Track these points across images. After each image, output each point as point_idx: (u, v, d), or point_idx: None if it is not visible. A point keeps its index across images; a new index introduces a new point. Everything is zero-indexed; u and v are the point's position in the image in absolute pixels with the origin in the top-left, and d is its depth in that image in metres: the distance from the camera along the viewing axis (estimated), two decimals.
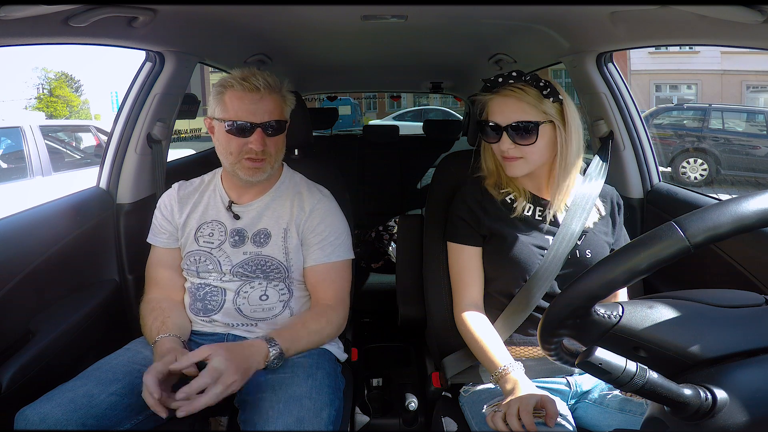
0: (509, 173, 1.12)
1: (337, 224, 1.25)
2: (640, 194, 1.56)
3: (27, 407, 0.93)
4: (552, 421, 0.87)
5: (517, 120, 1.06)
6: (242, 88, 1.12)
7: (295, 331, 1.11)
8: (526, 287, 1.09)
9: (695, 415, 0.54)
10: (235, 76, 1.13)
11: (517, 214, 1.13)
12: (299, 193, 1.25)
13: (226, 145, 1.15)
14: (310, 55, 2.19)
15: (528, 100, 1.05)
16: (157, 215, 1.26)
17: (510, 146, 1.07)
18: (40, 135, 4.62)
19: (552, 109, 1.07)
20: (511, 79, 1.08)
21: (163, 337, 1.08)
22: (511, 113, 1.07)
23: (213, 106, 1.16)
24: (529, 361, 1.09)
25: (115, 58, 57.06)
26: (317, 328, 1.15)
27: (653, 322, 0.61)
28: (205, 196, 1.26)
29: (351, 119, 11.42)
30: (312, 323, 1.15)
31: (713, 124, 7.88)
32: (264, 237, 1.20)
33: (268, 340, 1.04)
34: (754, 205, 0.55)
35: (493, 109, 1.10)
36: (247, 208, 1.22)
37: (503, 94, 1.08)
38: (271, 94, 1.15)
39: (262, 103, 1.13)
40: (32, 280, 1.20)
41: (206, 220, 1.22)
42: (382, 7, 1.37)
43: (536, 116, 1.06)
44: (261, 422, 0.95)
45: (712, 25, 0.99)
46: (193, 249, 1.20)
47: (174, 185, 1.29)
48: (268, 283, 1.18)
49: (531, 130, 1.06)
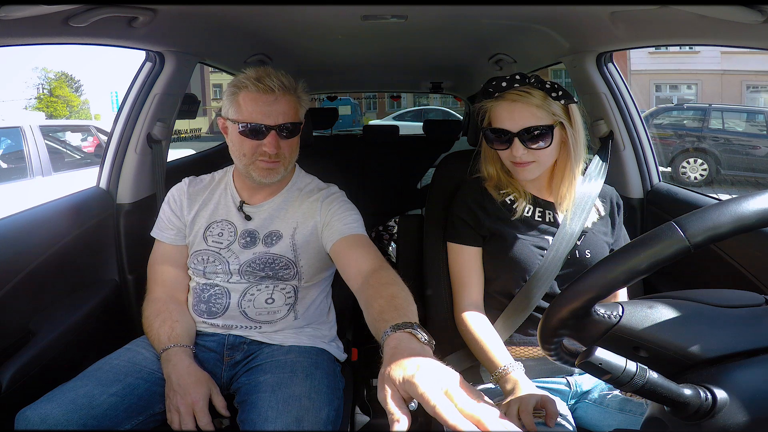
0: (521, 178, 1.11)
1: (352, 209, 1.21)
2: (640, 194, 1.57)
3: (27, 407, 0.93)
4: (552, 421, 0.87)
5: (529, 125, 1.04)
6: (256, 89, 1.10)
7: (404, 309, 0.85)
8: (526, 287, 1.09)
9: (695, 415, 0.54)
10: (249, 77, 1.11)
11: (517, 216, 1.13)
12: (311, 192, 1.24)
13: (239, 147, 1.14)
14: (310, 55, 2.19)
15: (536, 102, 1.04)
16: (165, 209, 1.24)
17: (523, 152, 1.05)
18: (40, 135, 4.62)
19: (559, 109, 1.06)
20: (516, 83, 1.06)
21: (175, 348, 1.06)
22: (520, 118, 1.04)
23: (227, 107, 1.14)
24: (529, 361, 1.09)
25: (115, 58, 57.08)
26: (404, 295, 0.90)
27: (653, 322, 0.61)
28: (216, 194, 1.24)
29: (351, 119, 11.41)
30: (396, 290, 0.91)
31: (713, 124, 7.88)
32: (276, 238, 1.19)
33: (412, 330, 0.75)
34: (754, 205, 0.55)
35: (500, 115, 1.07)
36: (259, 209, 1.21)
37: (509, 99, 1.05)
38: (286, 95, 1.12)
39: (277, 104, 1.11)
40: (32, 280, 1.19)
41: (216, 219, 1.21)
42: (382, 7, 1.37)
43: (547, 119, 1.04)
44: (260, 422, 0.94)
45: (712, 25, 0.99)
46: (202, 248, 1.19)
47: (184, 180, 1.27)
48: (275, 285, 1.17)
49: (544, 134, 1.04)
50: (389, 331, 0.74)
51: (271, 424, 0.93)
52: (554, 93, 1.05)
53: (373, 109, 19.06)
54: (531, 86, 1.05)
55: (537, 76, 1.07)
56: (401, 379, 0.63)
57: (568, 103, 1.07)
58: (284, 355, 1.11)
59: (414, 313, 0.84)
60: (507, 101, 1.06)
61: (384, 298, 0.88)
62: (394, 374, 0.64)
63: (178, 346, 1.07)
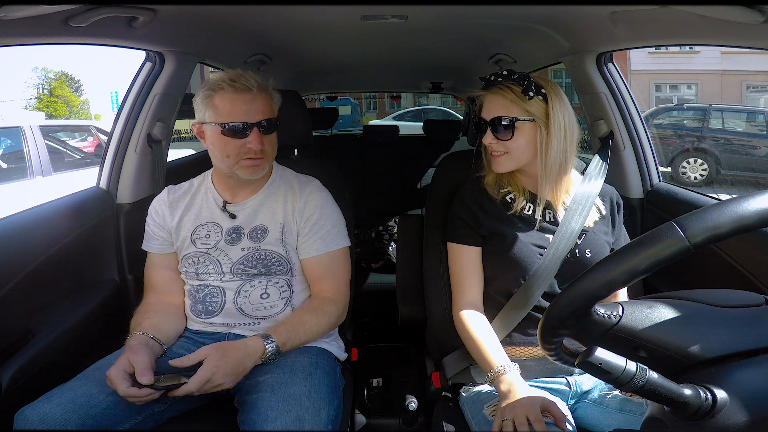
0: (494, 169, 1.15)
1: (331, 213, 1.25)
2: (640, 194, 1.56)
3: (26, 407, 0.93)
4: (562, 423, 0.88)
5: (498, 115, 1.09)
6: (233, 89, 1.11)
7: (292, 326, 1.12)
8: (525, 286, 1.09)
9: (695, 415, 0.54)
10: (223, 78, 1.12)
11: (514, 212, 1.13)
12: (291, 187, 1.25)
13: (222, 148, 1.14)
14: (310, 55, 2.19)
15: (510, 97, 1.08)
16: (149, 222, 1.26)
17: (492, 140, 1.11)
18: (40, 135, 4.62)
19: (537, 108, 1.08)
20: (501, 78, 1.11)
21: (133, 335, 1.09)
22: (494, 109, 1.10)
23: (202, 111, 1.15)
24: (529, 361, 1.09)
25: (115, 58, 57.11)
26: (315, 322, 1.15)
27: (653, 322, 0.61)
28: (197, 199, 1.25)
29: (351, 119, 11.40)
30: (309, 318, 1.15)
31: (713, 124, 7.88)
32: (261, 232, 1.20)
33: (264, 337, 1.06)
34: (754, 205, 0.55)
35: (484, 105, 1.13)
36: (242, 207, 1.22)
37: (493, 91, 1.11)
38: (262, 93, 1.15)
39: (255, 102, 1.13)
40: (32, 280, 1.19)
41: (201, 222, 1.22)
42: (382, 7, 1.37)
43: (517, 113, 1.08)
44: (260, 422, 0.95)
45: (712, 25, 0.99)
46: (191, 251, 1.20)
47: (165, 189, 1.29)
48: (268, 280, 1.18)
49: (508, 125, 1.09)
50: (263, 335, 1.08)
51: (271, 423, 0.93)
52: (531, 92, 1.07)
53: (373, 109, 19.04)
54: (513, 82, 1.09)
55: (523, 74, 1.10)
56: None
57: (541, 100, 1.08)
58: (284, 354, 1.11)
59: (297, 335, 1.11)
60: (491, 93, 1.12)
61: (297, 317, 1.16)
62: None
63: (135, 334, 1.09)
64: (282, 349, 1.07)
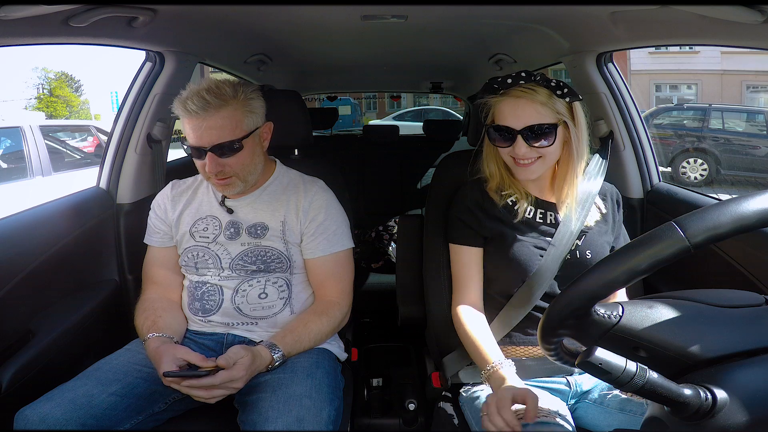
0: (522, 177, 1.10)
1: (336, 214, 1.25)
2: (640, 194, 1.56)
3: (26, 407, 0.93)
4: (531, 417, 0.83)
5: (532, 123, 1.03)
6: (186, 112, 1.06)
7: (298, 334, 1.12)
8: (525, 286, 1.09)
9: (695, 415, 0.54)
10: (181, 96, 1.07)
11: (519, 219, 1.12)
12: (296, 187, 1.25)
13: (196, 164, 1.15)
14: (310, 55, 2.19)
15: (540, 100, 1.02)
16: (151, 216, 1.27)
17: (526, 150, 1.04)
18: (40, 135, 4.62)
19: (563, 108, 1.05)
20: (521, 80, 1.05)
21: (153, 336, 1.08)
22: (524, 116, 1.03)
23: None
24: (529, 361, 1.09)
25: (115, 58, 57.09)
26: (319, 329, 1.15)
27: (653, 322, 0.61)
28: (199, 193, 1.26)
29: (351, 119, 11.41)
30: (314, 324, 1.15)
31: (713, 124, 7.88)
32: (261, 229, 1.20)
33: (271, 347, 1.06)
34: (754, 205, 0.55)
35: (504, 112, 1.06)
36: (240, 203, 1.22)
37: (514, 95, 1.04)
38: (220, 110, 1.06)
39: (206, 125, 1.06)
40: (32, 280, 1.20)
41: (201, 216, 1.22)
42: (382, 7, 1.37)
43: (551, 117, 1.03)
44: (261, 422, 0.95)
45: (712, 25, 0.99)
46: (190, 245, 1.20)
47: (169, 184, 1.29)
48: (267, 279, 1.18)
49: (547, 132, 1.03)
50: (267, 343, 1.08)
51: (272, 424, 0.93)
52: (559, 91, 1.04)
53: (373, 109, 19.04)
54: (536, 84, 1.04)
55: (542, 74, 1.06)
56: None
57: (573, 101, 1.06)
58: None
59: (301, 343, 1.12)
60: (511, 98, 1.05)
61: (302, 323, 1.15)
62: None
63: (158, 335, 1.08)
64: (287, 356, 1.08)
